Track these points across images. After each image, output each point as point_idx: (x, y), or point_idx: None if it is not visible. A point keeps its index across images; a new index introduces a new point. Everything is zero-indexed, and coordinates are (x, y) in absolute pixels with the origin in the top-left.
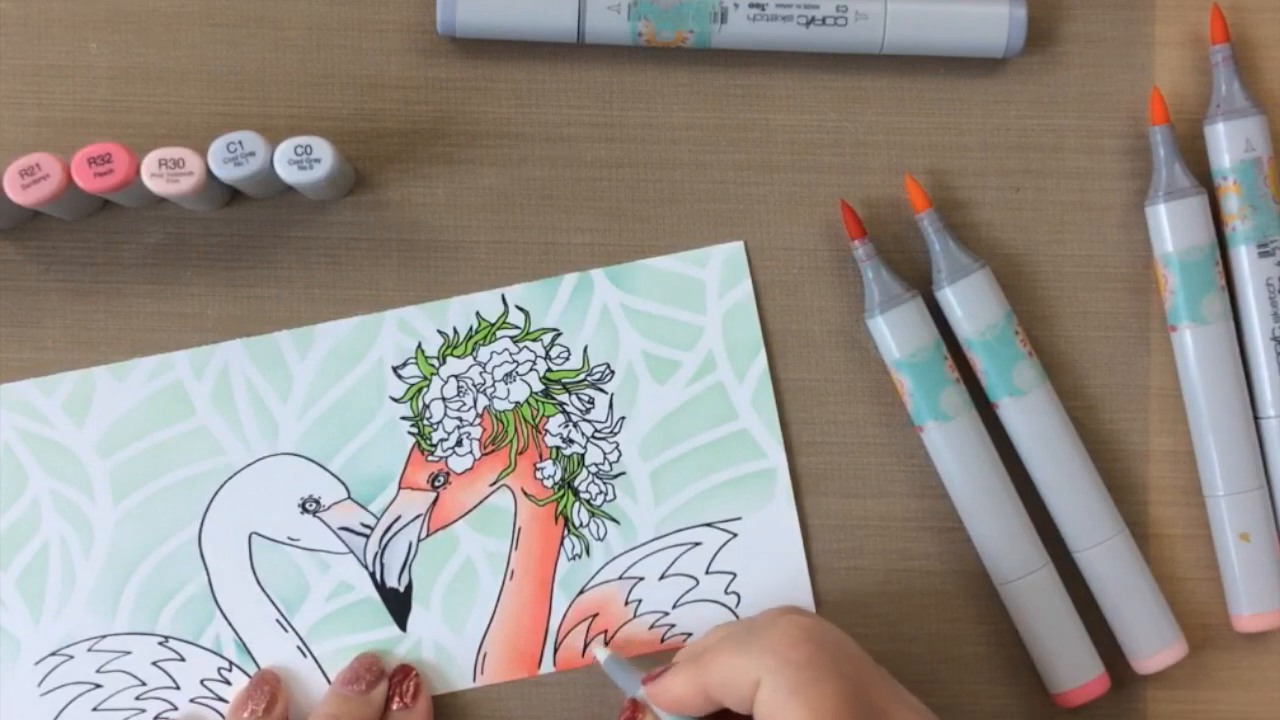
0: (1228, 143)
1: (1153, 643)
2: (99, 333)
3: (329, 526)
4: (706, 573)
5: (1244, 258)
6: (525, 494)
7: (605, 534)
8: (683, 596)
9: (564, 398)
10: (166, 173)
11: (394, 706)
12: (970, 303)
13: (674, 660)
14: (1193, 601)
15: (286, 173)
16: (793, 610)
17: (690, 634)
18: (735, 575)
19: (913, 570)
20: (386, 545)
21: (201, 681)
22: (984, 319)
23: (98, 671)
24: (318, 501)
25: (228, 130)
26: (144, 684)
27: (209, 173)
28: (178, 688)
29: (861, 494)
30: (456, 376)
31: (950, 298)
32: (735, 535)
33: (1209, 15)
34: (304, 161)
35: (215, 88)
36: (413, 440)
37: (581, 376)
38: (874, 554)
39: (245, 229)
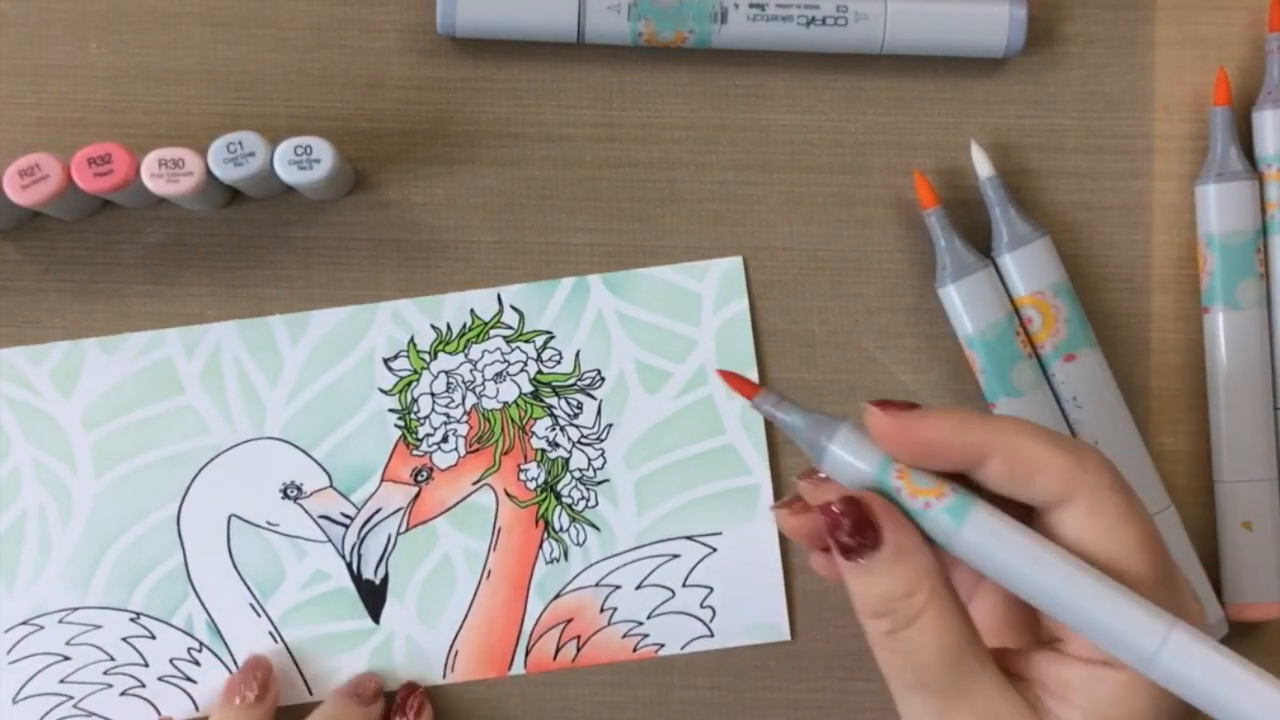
0: (1274, 130)
1: None
2: (99, 333)
3: (309, 514)
4: (683, 585)
5: None
6: (507, 494)
7: (585, 540)
8: (658, 607)
9: (553, 401)
10: (166, 173)
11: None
12: (973, 301)
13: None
14: None
15: (286, 173)
16: None
17: (663, 645)
18: (712, 590)
19: None
20: (365, 536)
21: (171, 660)
22: (986, 317)
23: (67, 644)
24: (299, 488)
25: (228, 130)
26: (113, 659)
27: (209, 173)
28: (146, 665)
29: None
30: (447, 372)
31: (954, 294)
32: (714, 550)
33: (1269, 5)
34: (304, 161)
35: (215, 88)
36: (399, 433)
37: (572, 381)
38: None
39: (245, 229)
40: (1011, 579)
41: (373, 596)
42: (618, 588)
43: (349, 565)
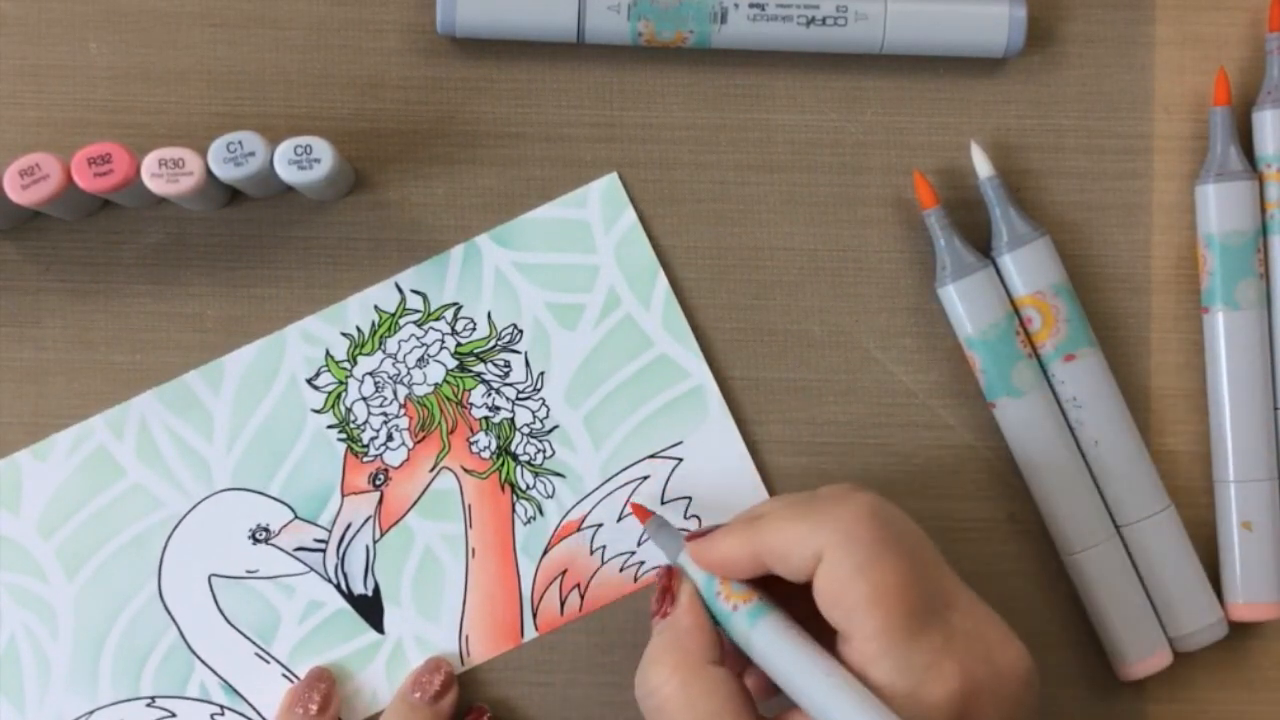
0: (1274, 130)
1: (1144, 647)
2: (99, 333)
3: (284, 550)
4: (662, 503)
5: None
6: (466, 471)
7: (553, 491)
8: (646, 533)
9: (480, 368)
10: (166, 173)
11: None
12: (973, 301)
13: (724, 524)
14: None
15: (286, 173)
16: (856, 487)
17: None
18: (691, 499)
19: None
20: (344, 554)
21: None
22: (986, 317)
23: None
24: (267, 529)
25: (228, 130)
26: None
27: (209, 173)
28: None
29: None
30: (371, 374)
31: (953, 295)
32: (681, 460)
33: (1268, 4)
34: (304, 161)
35: (215, 88)
36: (344, 446)
37: (492, 343)
38: None
39: (245, 229)
40: (774, 672)
41: (370, 609)
42: (600, 526)
43: (338, 587)
